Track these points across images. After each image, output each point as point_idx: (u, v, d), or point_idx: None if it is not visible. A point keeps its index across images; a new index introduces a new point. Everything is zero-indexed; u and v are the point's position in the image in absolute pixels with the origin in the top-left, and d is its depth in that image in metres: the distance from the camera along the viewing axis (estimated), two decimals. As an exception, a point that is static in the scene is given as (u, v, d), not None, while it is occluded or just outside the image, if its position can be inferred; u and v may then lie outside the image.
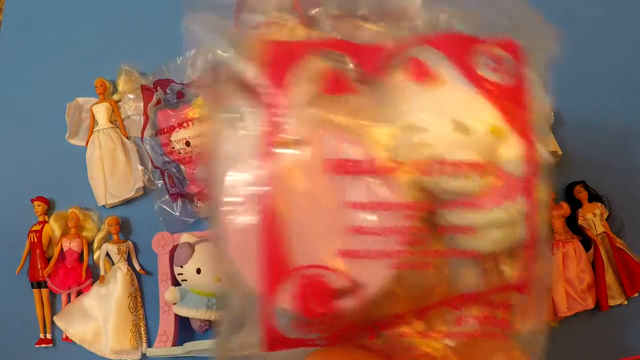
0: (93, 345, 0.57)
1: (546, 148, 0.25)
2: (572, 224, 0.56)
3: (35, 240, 0.59)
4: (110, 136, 0.63)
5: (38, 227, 0.60)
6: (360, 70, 0.26)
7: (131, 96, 0.64)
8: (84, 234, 0.60)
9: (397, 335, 0.25)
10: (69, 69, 0.68)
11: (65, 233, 0.60)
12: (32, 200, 0.61)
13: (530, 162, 0.24)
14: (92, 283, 0.59)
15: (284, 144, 0.23)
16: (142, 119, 0.61)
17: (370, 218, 0.23)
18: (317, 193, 0.23)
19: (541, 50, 0.32)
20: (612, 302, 0.55)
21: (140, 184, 0.61)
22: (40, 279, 0.59)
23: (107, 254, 0.60)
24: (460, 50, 0.27)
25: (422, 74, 0.26)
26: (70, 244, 0.59)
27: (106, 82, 0.64)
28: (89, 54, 0.68)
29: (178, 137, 0.56)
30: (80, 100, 0.65)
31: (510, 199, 0.24)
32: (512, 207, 0.24)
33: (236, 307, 0.25)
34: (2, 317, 0.60)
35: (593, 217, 0.56)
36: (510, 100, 0.26)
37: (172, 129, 0.57)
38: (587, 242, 0.56)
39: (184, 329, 0.57)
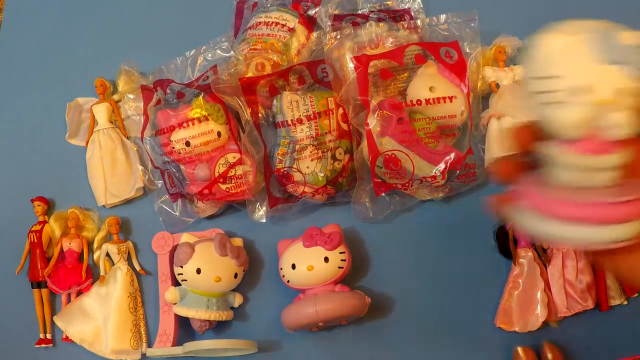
0: (93, 346, 0.57)
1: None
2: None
3: (35, 240, 0.59)
4: (110, 136, 0.63)
5: (38, 227, 0.60)
6: None
7: (131, 96, 0.64)
8: (84, 234, 0.60)
9: None
10: (69, 69, 0.68)
11: (65, 233, 0.60)
12: (32, 200, 0.61)
13: None
14: (92, 283, 0.59)
15: None
16: (142, 119, 0.61)
17: None
18: None
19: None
20: (612, 302, 0.55)
21: (140, 184, 0.62)
22: (40, 279, 0.59)
23: (107, 254, 0.60)
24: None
25: None
26: (70, 244, 0.59)
27: (106, 82, 0.64)
28: (89, 54, 0.68)
29: (178, 137, 0.56)
30: (80, 100, 0.65)
31: None
32: None
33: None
34: (2, 317, 0.60)
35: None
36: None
37: (172, 129, 0.57)
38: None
39: (184, 329, 0.57)
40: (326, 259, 0.53)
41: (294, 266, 0.53)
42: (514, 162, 0.34)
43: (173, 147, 0.57)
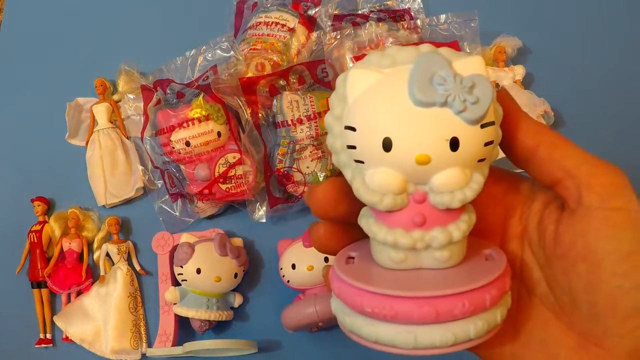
0: (93, 345, 0.57)
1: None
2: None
3: (35, 240, 0.59)
4: (110, 136, 0.63)
5: (38, 227, 0.60)
6: None
7: (131, 96, 0.64)
8: (84, 234, 0.60)
9: None
10: (69, 69, 0.68)
11: (65, 233, 0.60)
12: (32, 200, 0.61)
13: None
14: (92, 283, 0.59)
15: None
16: (142, 119, 0.61)
17: None
18: None
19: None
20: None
21: (140, 184, 0.62)
22: (40, 279, 0.59)
23: (107, 254, 0.60)
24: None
25: None
26: (70, 244, 0.59)
27: (106, 82, 0.64)
28: (89, 54, 0.68)
29: (178, 137, 0.56)
30: (80, 100, 0.65)
31: None
32: None
33: None
34: (2, 317, 0.60)
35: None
36: None
37: (172, 129, 0.57)
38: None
39: (184, 329, 0.57)
40: (326, 259, 0.53)
41: (294, 266, 0.53)
42: (334, 233, 0.26)
43: (173, 147, 0.57)
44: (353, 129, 0.21)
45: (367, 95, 0.21)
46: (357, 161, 0.22)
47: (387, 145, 0.21)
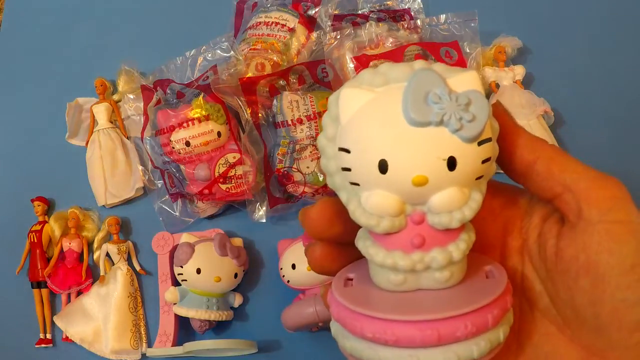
0: (93, 345, 0.57)
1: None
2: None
3: (35, 240, 0.59)
4: (110, 136, 0.63)
5: (38, 227, 0.60)
6: None
7: (131, 96, 0.64)
8: (84, 234, 0.60)
9: None
10: (69, 69, 0.68)
11: (65, 233, 0.60)
12: (32, 200, 0.61)
13: None
14: (92, 283, 0.59)
15: None
16: (142, 119, 0.61)
17: None
18: None
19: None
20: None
21: (140, 184, 0.62)
22: (40, 279, 0.59)
23: (107, 254, 0.60)
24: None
25: None
26: (70, 244, 0.59)
27: (106, 82, 0.64)
28: (89, 54, 0.68)
29: (178, 137, 0.56)
30: (80, 100, 0.65)
31: None
32: None
33: None
34: (2, 317, 0.60)
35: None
36: None
37: (172, 129, 0.57)
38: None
39: (184, 329, 0.57)
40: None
41: (294, 266, 0.53)
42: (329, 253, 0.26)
43: (173, 147, 0.57)
44: (347, 151, 0.21)
45: (361, 115, 0.21)
46: (352, 183, 0.21)
47: (382, 167, 0.20)
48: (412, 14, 0.65)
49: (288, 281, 0.54)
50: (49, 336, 0.59)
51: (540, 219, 0.25)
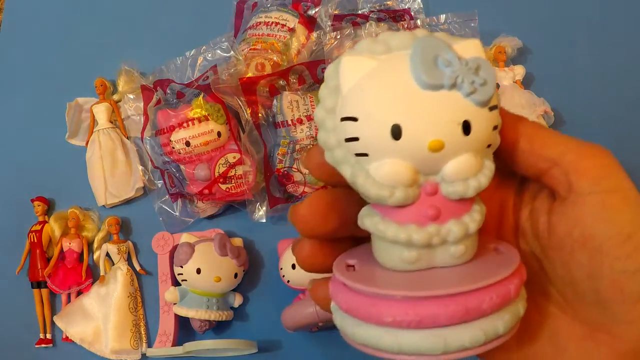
0: (93, 345, 0.57)
1: None
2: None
3: (35, 240, 0.59)
4: (110, 136, 0.63)
5: (38, 227, 0.60)
6: None
7: (131, 96, 0.64)
8: (84, 234, 0.60)
9: None
10: (69, 69, 0.68)
11: (65, 233, 0.60)
12: (32, 200, 0.61)
13: None
14: (92, 283, 0.59)
15: None
16: (142, 119, 0.61)
17: None
18: None
19: None
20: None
21: (140, 184, 0.62)
22: (40, 279, 0.59)
23: (107, 254, 0.60)
24: None
25: None
26: (70, 244, 0.59)
27: (106, 82, 0.64)
28: (89, 54, 0.68)
29: (178, 137, 0.56)
30: (80, 100, 0.65)
31: None
32: None
33: None
34: (2, 317, 0.60)
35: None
36: None
37: (172, 129, 0.57)
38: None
39: (184, 329, 0.57)
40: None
41: (294, 266, 0.53)
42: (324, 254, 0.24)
43: (173, 147, 0.57)
44: (354, 119, 0.19)
45: (367, 82, 0.19)
46: (358, 154, 0.20)
47: (396, 132, 0.19)
48: (412, 14, 0.65)
49: (288, 281, 0.54)
50: (49, 336, 0.59)
51: (530, 197, 0.24)
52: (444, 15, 0.62)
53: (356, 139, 0.20)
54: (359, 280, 0.21)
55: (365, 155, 0.20)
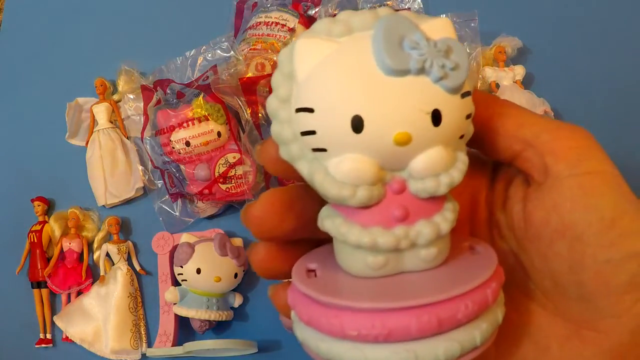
0: (93, 345, 0.57)
1: None
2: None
3: (35, 240, 0.59)
4: (110, 136, 0.63)
5: (38, 227, 0.60)
6: None
7: (131, 96, 0.64)
8: (84, 234, 0.60)
9: None
10: (69, 69, 0.68)
11: (65, 233, 0.60)
12: (32, 200, 0.61)
13: None
14: (92, 283, 0.59)
15: None
16: (142, 119, 0.61)
17: None
18: None
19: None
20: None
21: (140, 184, 0.62)
22: (40, 279, 0.59)
23: (107, 254, 0.60)
24: None
25: None
26: (70, 244, 0.59)
27: (106, 82, 0.64)
28: (89, 54, 0.68)
29: (178, 137, 0.56)
30: (80, 100, 0.65)
31: None
32: None
33: None
34: (2, 317, 0.60)
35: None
36: None
37: (172, 129, 0.57)
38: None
39: (184, 329, 0.57)
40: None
41: (294, 266, 0.53)
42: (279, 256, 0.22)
43: (173, 147, 0.57)
44: (310, 110, 0.17)
45: (324, 68, 0.17)
46: (315, 150, 0.18)
47: (357, 124, 0.17)
48: (412, 14, 0.65)
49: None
50: (49, 336, 0.59)
51: (503, 185, 0.22)
52: (444, 15, 0.62)
53: (313, 132, 0.17)
54: (320, 289, 0.19)
55: (324, 150, 0.18)
